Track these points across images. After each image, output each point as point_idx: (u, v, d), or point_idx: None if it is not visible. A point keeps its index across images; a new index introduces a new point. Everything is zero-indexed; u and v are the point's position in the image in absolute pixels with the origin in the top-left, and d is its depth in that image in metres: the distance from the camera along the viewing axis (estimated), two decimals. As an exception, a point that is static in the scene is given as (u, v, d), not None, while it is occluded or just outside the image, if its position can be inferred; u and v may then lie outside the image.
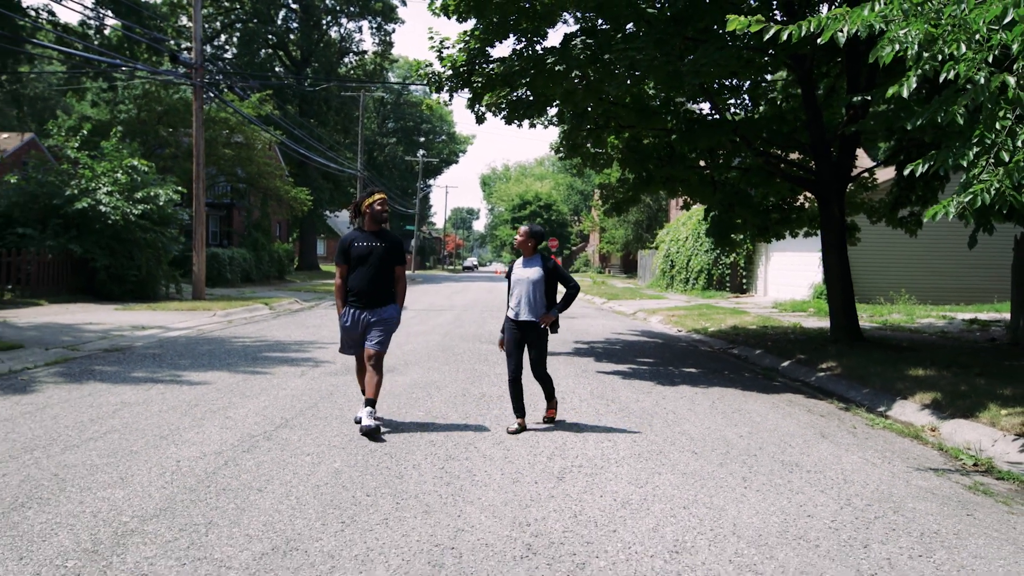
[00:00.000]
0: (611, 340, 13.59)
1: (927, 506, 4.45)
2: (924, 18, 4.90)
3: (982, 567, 3.54)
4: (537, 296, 5.99)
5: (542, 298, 6.01)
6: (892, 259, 20.58)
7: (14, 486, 4.40)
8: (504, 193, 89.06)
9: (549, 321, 6.01)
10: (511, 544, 3.68)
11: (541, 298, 6.01)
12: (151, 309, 16.70)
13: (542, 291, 6.02)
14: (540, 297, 6.00)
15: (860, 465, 5.34)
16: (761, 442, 5.94)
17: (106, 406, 6.72)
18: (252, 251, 32.90)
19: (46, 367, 8.90)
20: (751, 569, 3.44)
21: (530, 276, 6.04)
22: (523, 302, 6.01)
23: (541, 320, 5.97)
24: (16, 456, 5.04)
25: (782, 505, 4.38)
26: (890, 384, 8.24)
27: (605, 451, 5.52)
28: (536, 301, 5.99)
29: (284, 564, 3.39)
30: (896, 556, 3.65)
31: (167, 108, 30.09)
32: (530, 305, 5.98)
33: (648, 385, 8.57)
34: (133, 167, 19.21)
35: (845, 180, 11.35)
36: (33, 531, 3.71)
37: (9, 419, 6.13)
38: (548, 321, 6.00)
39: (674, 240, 32.97)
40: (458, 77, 10.64)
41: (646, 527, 3.96)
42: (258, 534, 3.74)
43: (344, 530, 3.83)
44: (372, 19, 51.69)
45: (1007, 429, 6.24)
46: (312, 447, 5.44)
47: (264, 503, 4.20)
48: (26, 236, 17.72)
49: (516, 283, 6.11)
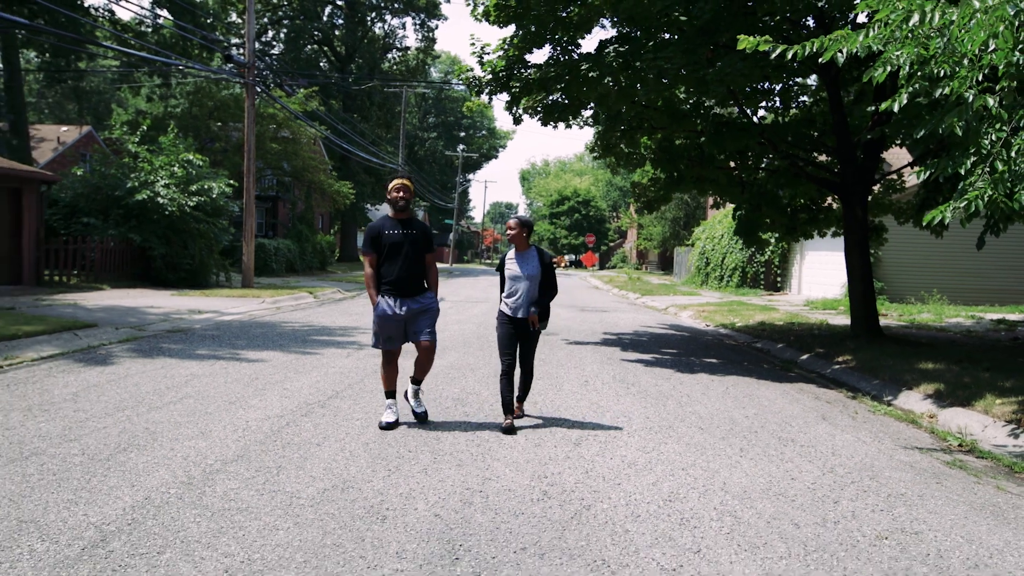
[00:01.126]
0: (639, 332, 14.18)
1: (901, 475, 5.03)
2: (915, 42, 5.43)
3: (934, 520, 4.13)
4: (535, 293, 5.91)
5: (537, 293, 5.94)
6: (925, 260, 20.76)
7: (115, 435, 5.22)
8: (543, 188, 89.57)
9: (534, 320, 5.89)
10: (530, 491, 4.37)
11: (537, 294, 5.93)
12: (204, 295, 17.71)
13: (538, 286, 5.95)
14: (536, 293, 5.93)
15: (851, 443, 5.92)
16: (764, 422, 6.53)
17: (178, 377, 7.56)
18: (296, 242, 34.04)
19: (119, 344, 9.83)
20: (731, 514, 4.08)
21: (530, 273, 5.91)
22: (523, 299, 5.89)
23: (531, 322, 5.88)
24: (111, 414, 5.87)
25: (770, 471, 5.00)
26: (899, 376, 8.73)
27: (619, 422, 6.18)
28: (535, 297, 5.91)
29: (343, 497, 4.12)
30: (860, 510, 4.25)
31: (218, 103, 31.33)
32: (531, 302, 5.88)
33: (668, 372, 9.18)
34: (189, 161, 20.28)
35: (868, 183, 11.78)
36: (138, 467, 4.51)
37: (98, 385, 6.99)
38: (534, 320, 5.88)
39: (709, 238, 33.29)
40: (497, 82, 11.32)
41: (647, 482, 4.62)
42: (320, 476, 4.48)
43: (390, 476, 4.55)
44: (415, 16, 52.60)
45: (998, 416, 6.73)
46: (360, 414, 6.19)
47: (323, 454, 4.94)
48: (90, 225, 18.89)
49: (514, 279, 5.96)
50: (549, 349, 10.79)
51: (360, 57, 49.95)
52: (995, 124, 5.82)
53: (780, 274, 28.26)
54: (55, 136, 37.91)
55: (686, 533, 3.78)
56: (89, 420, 5.64)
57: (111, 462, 4.61)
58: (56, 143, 36.96)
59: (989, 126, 5.88)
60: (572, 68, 10.69)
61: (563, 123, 12.32)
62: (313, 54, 49.97)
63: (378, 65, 51.28)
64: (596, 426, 6.09)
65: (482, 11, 11.66)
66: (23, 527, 3.53)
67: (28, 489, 4.06)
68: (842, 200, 11.99)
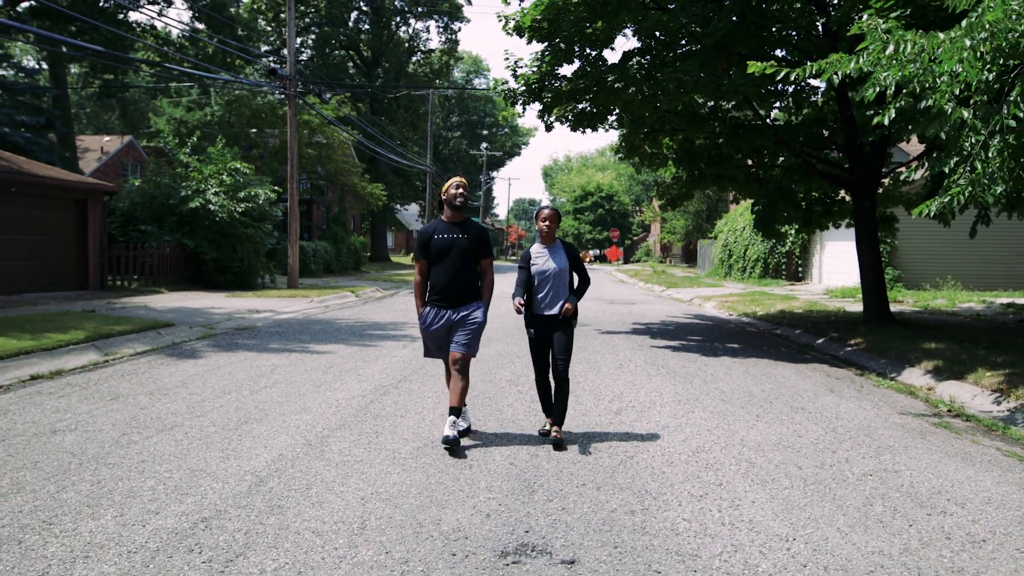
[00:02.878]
0: (666, 322, 15.13)
1: (892, 433, 5.97)
2: (899, 66, 6.34)
3: (912, 463, 5.08)
4: (567, 288, 5.62)
5: (567, 289, 5.63)
6: (940, 248, 21.45)
7: (232, 412, 6.31)
8: (566, 184, 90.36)
9: (572, 311, 5.51)
10: (584, 445, 5.38)
11: (567, 289, 5.62)
12: (256, 296, 18.91)
13: (567, 281, 5.65)
14: (567, 288, 5.62)
15: (853, 410, 6.86)
16: (778, 394, 7.49)
17: (263, 367, 8.67)
18: (332, 244, 35.30)
19: (198, 340, 10.98)
20: (747, 461, 5.07)
21: (560, 266, 5.58)
22: (552, 295, 5.55)
23: (563, 311, 5.48)
24: (220, 396, 6.97)
25: (781, 431, 5.97)
26: (904, 355, 9.63)
27: (652, 398, 7.18)
28: (567, 290, 5.61)
29: (433, 452, 5.16)
30: (853, 457, 5.22)
31: (254, 111, 32.63)
32: (563, 298, 5.56)
33: (693, 356, 10.15)
34: (236, 169, 21.52)
35: (876, 178, 12.62)
36: (263, 434, 5.59)
37: (199, 374, 8.12)
38: (571, 311, 5.50)
39: (732, 230, 34.04)
40: (531, 93, 12.32)
41: (678, 440, 5.61)
42: (411, 438, 5.53)
43: (468, 438, 5.59)
44: (439, 19, 53.72)
45: (986, 386, 7.63)
46: (430, 393, 7.24)
47: (408, 423, 6.00)
48: (147, 232, 20.17)
49: (542, 276, 5.58)
50: (584, 338, 11.78)
51: (386, 61, 51.14)
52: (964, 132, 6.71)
53: (801, 264, 28.99)
54: (98, 146, 39.45)
55: (710, 473, 4.78)
56: (205, 401, 6.74)
57: (239, 431, 5.69)
58: (100, 153, 38.49)
59: (969, 131, 6.77)
60: (599, 80, 11.66)
61: (591, 129, 13.29)
62: (340, 60, 51.26)
63: (404, 68, 52.46)
64: (632, 399, 7.09)
65: (513, 26, 12.66)
66: (196, 474, 4.61)
67: (184, 450, 5.14)
68: (852, 194, 12.85)
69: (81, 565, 3.25)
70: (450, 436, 5.16)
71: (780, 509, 4.12)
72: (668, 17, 10.50)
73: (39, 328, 10.20)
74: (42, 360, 8.45)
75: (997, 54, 6.03)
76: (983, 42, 5.77)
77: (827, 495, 4.38)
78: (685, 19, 10.21)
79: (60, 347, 9.13)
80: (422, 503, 4.14)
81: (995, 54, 6.04)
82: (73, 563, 3.27)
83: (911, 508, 4.18)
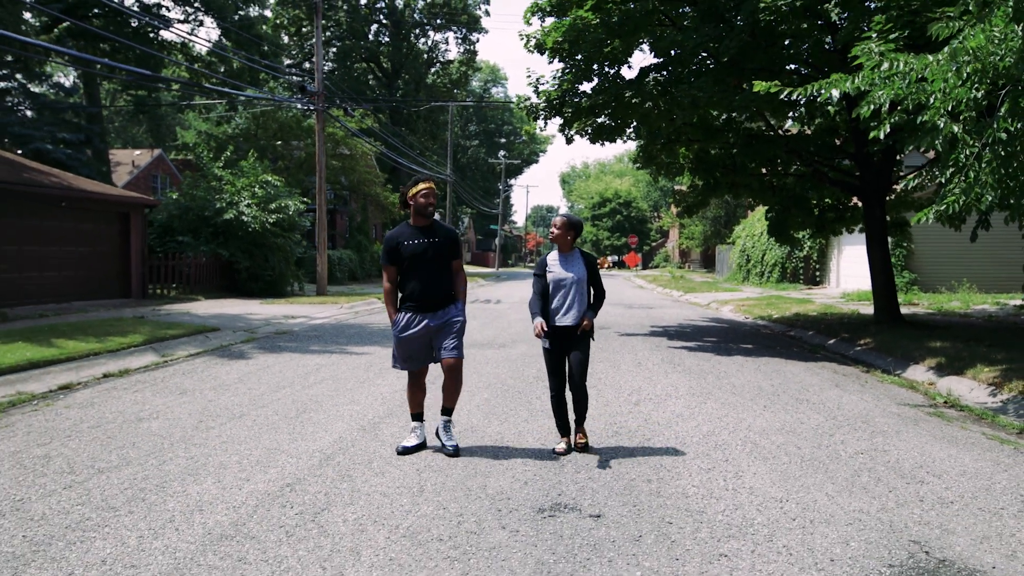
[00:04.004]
0: (683, 325, 15.74)
1: (888, 420, 6.58)
2: (891, 86, 6.96)
3: (901, 444, 5.70)
4: (583, 297, 5.44)
5: (584, 298, 5.45)
6: (956, 251, 21.82)
7: (290, 404, 7.03)
8: (584, 191, 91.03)
9: (590, 325, 5.38)
10: (605, 431, 6.05)
11: (584, 298, 5.45)
12: (288, 303, 19.73)
13: (585, 290, 5.47)
14: (584, 298, 5.45)
15: (855, 401, 7.47)
16: (786, 388, 8.11)
17: (309, 366, 9.40)
18: (356, 252, 36.21)
19: (244, 343, 11.75)
20: (751, 442, 5.70)
21: (577, 276, 5.41)
22: (568, 305, 5.38)
23: (582, 326, 5.35)
24: (276, 391, 7.70)
25: (785, 418, 6.60)
26: (909, 353, 10.18)
27: (668, 391, 7.83)
28: (585, 300, 5.44)
29: (474, 435, 5.85)
30: (848, 439, 5.84)
31: (281, 125, 33.62)
32: (579, 308, 5.38)
33: (708, 355, 10.77)
34: (267, 181, 22.42)
35: (886, 185, 13.17)
36: (321, 421, 6.30)
37: (252, 373, 8.87)
38: (589, 326, 5.37)
39: (749, 235, 34.52)
40: (552, 108, 13.02)
41: (690, 426, 6.26)
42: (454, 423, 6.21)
43: (502, 424, 6.27)
44: (458, 30, 54.73)
45: (982, 381, 8.19)
46: (467, 387, 7.91)
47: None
48: (184, 243, 21.10)
49: (558, 284, 5.41)
50: (604, 340, 12.43)
51: (406, 72, 52.18)
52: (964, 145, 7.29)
53: (819, 269, 29.42)
54: (130, 160, 40.66)
55: (718, 452, 5.42)
56: (263, 395, 7.47)
57: (300, 419, 6.41)
58: (131, 166, 39.68)
59: (963, 144, 7.36)
60: (617, 95, 12.33)
61: (609, 141, 13.96)
62: (361, 72, 52.31)
63: (423, 79, 53.49)
64: (650, 392, 7.74)
65: (534, 44, 13.38)
66: (272, 452, 5.32)
67: (256, 434, 5.86)
68: (862, 201, 13.41)
69: (199, 515, 3.97)
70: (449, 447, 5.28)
71: (777, 479, 4.76)
72: (683, 37, 11.16)
73: (100, 332, 11.02)
74: (109, 360, 9.25)
75: (983, 75, 6.64)
76: (967, 64, 6.38)
77: (820, 468, 5.02)
78: (699, 38, 10.87)
79: (123, 349, 9.93)
80: (468, 473, 4.83)
81: (981, 75, 6.65)
82: (191, 514, 3.99)
83: (893, 478, 4.80)
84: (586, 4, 11.76)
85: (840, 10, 9.65)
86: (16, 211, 15.35)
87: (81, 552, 3.49)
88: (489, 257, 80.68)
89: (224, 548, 3.55)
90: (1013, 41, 5.93)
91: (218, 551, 3.51)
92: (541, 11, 13.03)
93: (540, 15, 13.16)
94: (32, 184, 15.57)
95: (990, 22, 5.97)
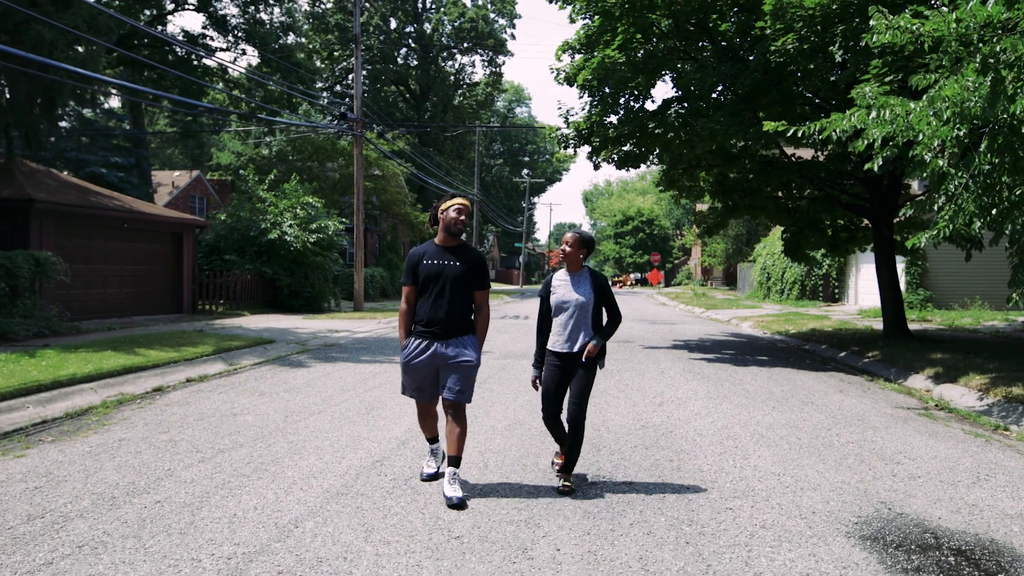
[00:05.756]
0: (703, 339, 16.67)
1: (881, 418, 7.52)
2: (883, 125, 7.93)
3: (888, 436, 6.64)
4: (590, 321, 4.95)
5: (593, 322, 4.97)
6: (970, 269, 22.39)
7: (357, 404, 8.10)
8: (606, 209, 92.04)
9: (596, 351, 4.86)
10: (634, 425, 7.05)
11: (592, 323, 4.96)
12: (329, 318, 20.90)
13: (592, 313, 4.96)
14: (592, 322, 4.96)
15: (855, 404, 8.40)
16: (794, 393, 9.06)
17: (364, 373, 10.48)
18: (387, 269, 37.47)
19: (299, 354, 12.88)
20: (759, 435, 6.68)
21: (584, 298, 4.92)
22: (572, 330, 4.90)
23: (586, 352, 4.83)
24: (342, 392, 8.78)
25: (790, 417, 7.56)
26: (911, 364, 11.07)
27: (688, 395, 8.81)
28: (590, 327, 4.95)
29: (520, 428, 6.87)
30: (843, 433, 6.79)
31: (316, 147, 35.07)
32: (581, 334, 4.91)
33: (726, 366, 11.72)
34: (308, 203, 23.71)
35: (892, 208, 14.08)
36: (388, 417, 7.36)
37: (316, 378, 9.96)
38: (595, 352, 4.85)
39: (770, 253, 35.32)
40: (581, 138, 14.11)
41: (708, 422, 7.24)
42: (501, 419, 7.25)
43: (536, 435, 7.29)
44: (484, 53, 56.22)
45: (973, 387, 9.08)
46: (508, 390, 8.96)
47: (496, 410, 7.72)
48: (230, 261, 22.40)
49: (562, 306, 4.94)
50: (630, 352, 13.41)
51: (434, 94, 53.69)
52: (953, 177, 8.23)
53: (838, 286, 30.17)
54: (170, 181, 42.39)
55: (730, 441, 6.41)
56: (332, 396, 8.55)
57: (371, 414, 7.47)
58: (171, 187, 41.37)
59: (950, 177, 8.30)
60: (641, 126, 13.39)
61: (634, 168, 15.02)
62: (391, 95, 53.91)
63: (450, 101, 54.99)
64: (672, 396, 8.73)
65: (564, 77, 14.51)
66: (356, 439, 6.38)
67: (337, 426, 6.93)
68: (871, 223, 14.33)
69: (315, 480, 5.04)
70: (454, 499, 4.56)
71: (777, 460, 5.74)
72: (701, 75, 12.21)
73: (173, 343, 12.20)
74: (187, 367, 10.40)
75: (961, 117, 7.61)
76: (945, 109, 7.36)
77: (815, 453, 5.99)
78: (716, 77, 11.92)
79: (197, 358, 11.09)
80: (521, 455, 5.86)
81: (960, 118, 7.62)
82: (309, 480, 5.06)
83: (875, 460, 5.76)
84: (613, 44, 12.86)
85: (843, 52, 10.64)
86: (86, 233, 16.68)
87: (234, 502, 4.57)
88: (513, 274, 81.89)
89: (342, 501, 4.61)
90: (983, 89, 6.90)
91: (338, 502, 4.58)
92: (571, 49, 14.16)
93: (571, 52, 14.29)
94: (100, 208, 16.90)
95: (963, 74, 6.95)
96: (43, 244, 14.92)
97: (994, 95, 6.81)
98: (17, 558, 3.67)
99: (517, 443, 6.28)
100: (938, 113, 7.29)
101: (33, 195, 14.86)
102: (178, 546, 3.85)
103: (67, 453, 5.79)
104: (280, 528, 4.12)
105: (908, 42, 7.07)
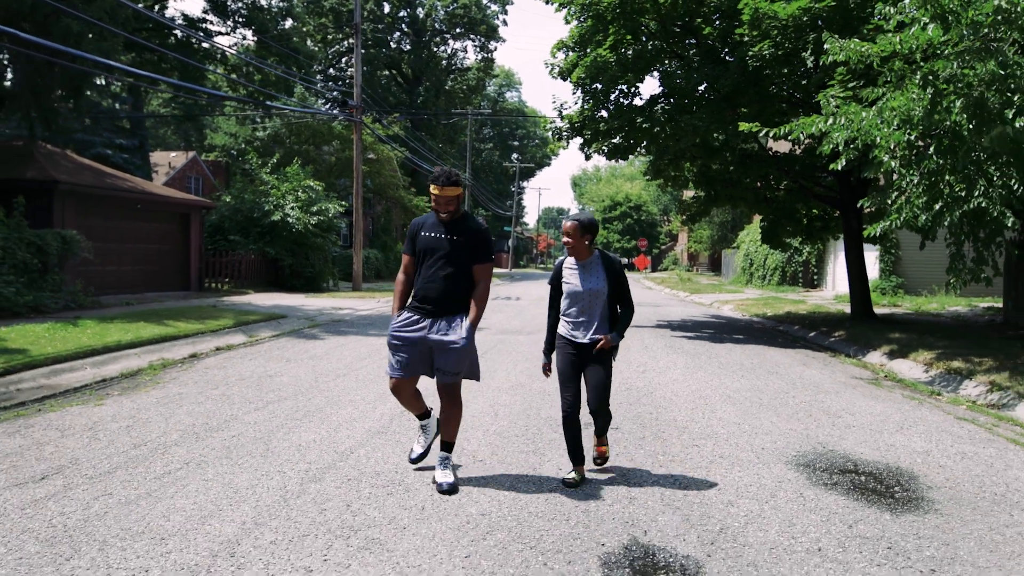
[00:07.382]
0: (685, 320, 17.82)
1: (835, 385, 8.66)
2: (843, 129, 9.00)
3: (837, 398, 7.77)
4: (605, 310, 4.80)
5: (607, 311, 4.82)
6: (939, 257, 23.70)
7: (376, 368, 9.15)
8: (595, 194, 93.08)
9: (608, 345, 4.76)
10: (619, 388, 8.14)
11: (607, 311, 4.82)
12: (330, 296, 21.90)
13: (606, 302, 4.80)
14: (607, 310, 4.81)
15: (815, 375, 9.54)
16: (763, 365, 10.19)
17: (375, 344, 11.53)
18: (381, 251, 38.42)
19: (310, 328, 13.90)
20: (727, 396, 7.79)
21: (593, 287, 4.75)
22: (587, 318, 4.78)
23: (601, 344, 4.74)
24: (360, 360, 9.83)
25: (756, 383, 8.68)
26: (871, 342, 12.23)
27: (668, 365, 9.93)
28: (604, 316, 4.80)
29: (523, 389, 7.96)
30: (800, 396, 7.92)
31: (313, 131, 35.87)
32: (599, 321, 4.78)
33: (704, 342, 12.86)
34: (309, 186, 24.62)
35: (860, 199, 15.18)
36: (407, 379, 8.41)
37: (332, 348, 11.00)
38: (607, 345, 4.76)
39: (752, 240, 36.51)
40: (573, 130, 15.14)
41: (684, 386, 8.35)
42: (504, 383, 8.33)
43: (545, 383, 8.39)
44: (476, 39, 56.95)
45: (920, 361, 10.24)
46: (506, 359, 10.04)
47: (499, 376, 8.80)
48: (234, 241, 23.32)
49: (574, 295, 4.79)
50: (616, 330, 14.52)
51: (427, 79, 54.43)
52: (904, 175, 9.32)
53: (816, 272, 31.43)
54: (166, 162, 43.03)
55: (701, 400, 7.52)
56: (352, 363, 9.60)
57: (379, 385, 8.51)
58: (168, 168, 42.04)
59: (899, 177, 9.39)
60: (630, 121, 14.43)
61: (623, 159, 16.06)
62: (384, 79, 54.58)
63: (443, 85, 55.73)
64: (653, 366, 9.84)
65: (558, 72, 15.51)
66: (383, 395, 7.43)
67: (363, 385, 7.97)
68: (842, 213, 15.46)
69: (358, 423, 6.11)
70: (444, 484, 4.49)
71: (740, 413, 6.86)
72: (686, 74, 13.25)
73: (195, 317, 13.19)
74: (214, 338, 11.41)
75: (910, 126, 8.69)
76: (893, 117, 8.45)
77: (771, 409, 7.11)
78: (699, 77, 12.97)
79: (221, 329, 12.10)
80: (526, 408, 6.94)
81: (908, 126, 8.70)
82: (353, 422, 6.13)
83: (821, 415, 6.89)
84: (605, 44, 13.87)
85: (814, 58, 11.70)
86: (104, 213, 17.58)
87: (296, 436, 5.63)
88: (502, 258, 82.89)
89: (383, 437, 5.69)
90: (924, 101, 7.99)
91: (381, 437, 5.65)
92: (566, 47, 15.15)
93: (565, 50, 15.28)
94: (115, 188, 17.78)
95: (907, 88, 8.04)
96: (65, 224, 15.82)
97: (933, 106, 7.90)
98: (140, 471, 4.72)
99: (521, 399, 7.36)
100: (887, 121, 8.37)
101: (56, 177, 15.74)
102: (263, 464, 4.91)
103: (138, 403, 6.83)
104: (339, 453, 5.20)
105: (859, 61, 8.13)
